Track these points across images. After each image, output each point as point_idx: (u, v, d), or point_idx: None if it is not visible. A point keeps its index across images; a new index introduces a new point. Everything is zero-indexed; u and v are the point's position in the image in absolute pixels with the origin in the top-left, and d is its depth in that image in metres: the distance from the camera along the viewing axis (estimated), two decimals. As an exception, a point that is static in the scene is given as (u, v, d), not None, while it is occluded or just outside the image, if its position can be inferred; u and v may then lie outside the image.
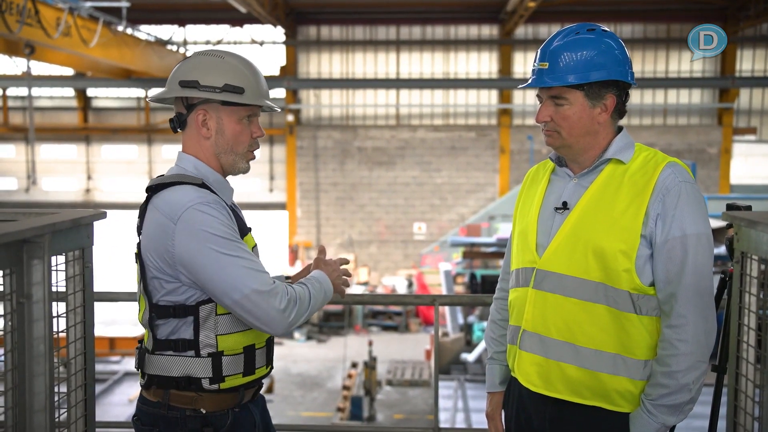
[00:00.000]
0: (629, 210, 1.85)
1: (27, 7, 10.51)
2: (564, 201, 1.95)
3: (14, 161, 21.04)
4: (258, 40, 20.44)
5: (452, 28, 20.04)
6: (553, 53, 1.92)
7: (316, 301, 1.96)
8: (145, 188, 1.94)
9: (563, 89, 1.91)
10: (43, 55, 13.94)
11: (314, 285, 1.99)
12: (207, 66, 1.95)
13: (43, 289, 1.62)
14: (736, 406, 1.90)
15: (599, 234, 1.86)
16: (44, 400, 1.63)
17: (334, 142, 20.19)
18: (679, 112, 20.17)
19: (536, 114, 1.98)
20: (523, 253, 2.01)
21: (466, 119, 20.32)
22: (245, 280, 1.82)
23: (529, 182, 2.14)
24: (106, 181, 21.13)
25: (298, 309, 1.89)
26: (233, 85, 1.94)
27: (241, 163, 2.01)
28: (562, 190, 1.97)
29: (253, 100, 1.97)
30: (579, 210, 1.91)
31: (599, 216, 1.88)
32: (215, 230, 1.83)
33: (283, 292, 1.86)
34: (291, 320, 1.87)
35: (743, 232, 1.86)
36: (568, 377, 1.90)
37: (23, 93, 19.91)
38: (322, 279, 2.03)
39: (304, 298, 1.92)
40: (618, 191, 1.89)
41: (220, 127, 1.97)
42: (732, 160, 20.05)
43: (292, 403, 12.45)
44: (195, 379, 1.90)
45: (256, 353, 1.98)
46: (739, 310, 1.88)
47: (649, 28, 19.93)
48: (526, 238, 2.00)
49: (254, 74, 2.00)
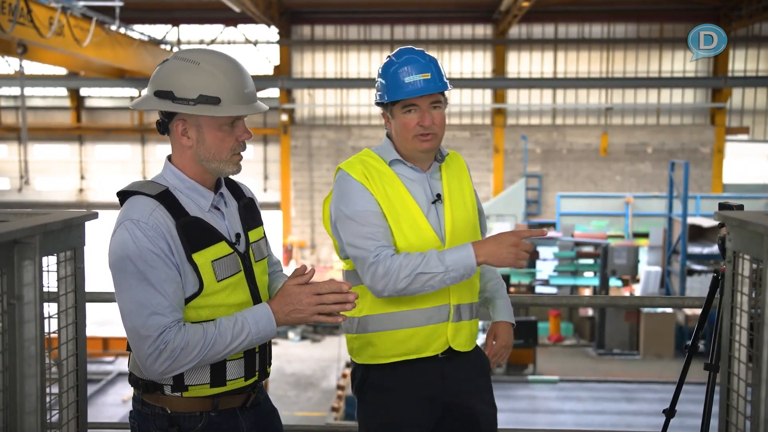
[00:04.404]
0: (468, 191, 2.37)
1: (20, 6, 10.46)
2: (438, 193, 2.28)
3: (7, 161, 20.96)
4: (252, 40, 20.41)
5: (446, 27, 20.05)
6: (430, 64, 2.24)
7: (222, 346, 1.82)
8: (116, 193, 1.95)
9: (441, 95, 2.26)
10: (35, 54, 13.87)
11: (234, 326, 1.84)
12: (182, 74, 1.86)
13: (34, 291, 1.61)
14: (728, 405, 1.90)
15: (468, 213, 2.33)
16: (35, 402, 1.62)
17: (329, 141, 20.18)
18: (672, 111, 20.22)
19: (421, 120, 2.21)
20: (418, 240, 2.22)
21: (460, 119, 20.33)
22: (133, 315, 1.80)
23: (373, 181, 2.23)
24: (100, 181, 21.06)
25: (176, 359, 1.79)
26: (208, 96, 1.85)
27: (228, 167, 1.95)
28: (424, 184, 2.28)
29: (230, 111, 1.87)
30: (449, 199, 2.30)
31: (461, 200, 2.32)
32: (131, 254, 1.80)
33: (159, 340, 1.77)
34: (162, 370, 1.80)
35: (735, 232, 1.87)
36: (474, 330, 2.38)
37: (16, 92, 19.84)
38: (258, 317, 1.87)
39: (192, 346, 1.79)
40: (460, 179, 2.35)
41: (201, 137, 1.90)
42: (725, 160, 20.12)
43: (286, 403, 12.44)
44: (158, 384, 1.91)
45: (226, 365, 1.93)
46: (731, 310, 1.89)
47: (642, 27, 19.98)
48: (420, 230, 2.23)
49: (233, 79, 1.89)
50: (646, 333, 13.66)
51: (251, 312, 1.88)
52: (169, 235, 1.84)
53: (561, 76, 19.98)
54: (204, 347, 1.81)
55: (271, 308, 1.88)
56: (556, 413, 11.44)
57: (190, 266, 1.86)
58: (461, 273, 2.13)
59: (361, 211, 2.19)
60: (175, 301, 1.82)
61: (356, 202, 2.20)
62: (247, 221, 2.07)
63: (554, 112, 20.34)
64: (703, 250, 14.53)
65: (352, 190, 2.21)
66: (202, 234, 1.90)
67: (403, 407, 2.27)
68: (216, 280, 1.90)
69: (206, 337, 1.81)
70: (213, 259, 1.90)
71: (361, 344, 2.29)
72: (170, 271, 1.83)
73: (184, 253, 1.86)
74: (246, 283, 1.98)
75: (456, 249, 2.15)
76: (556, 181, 20.10)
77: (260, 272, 2.06)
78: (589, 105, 19.92)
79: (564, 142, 20.09)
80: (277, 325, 1.89)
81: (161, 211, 1.86)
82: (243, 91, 1.90)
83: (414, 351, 2.26)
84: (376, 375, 2.28)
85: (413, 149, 2.27)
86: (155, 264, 1.81)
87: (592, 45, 19.99)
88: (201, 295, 1.88)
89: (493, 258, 2.12)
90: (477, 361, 2.39)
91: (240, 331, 1.84)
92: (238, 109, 1.88)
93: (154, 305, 1.79)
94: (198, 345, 1.80)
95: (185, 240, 1.86)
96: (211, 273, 1.89)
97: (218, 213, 1.99)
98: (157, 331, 1.78)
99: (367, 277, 2.15)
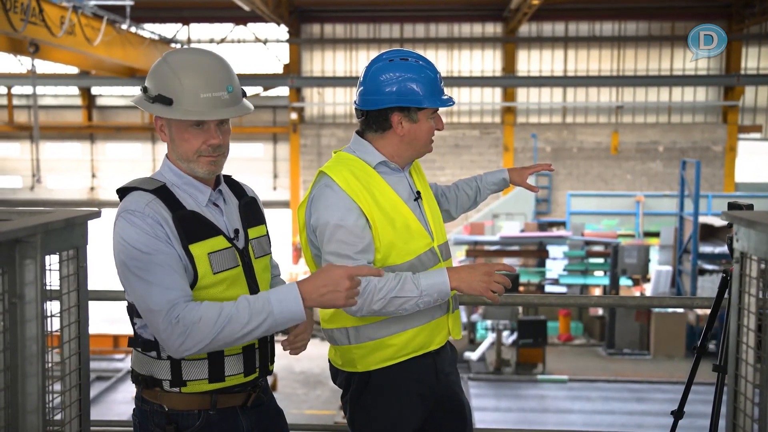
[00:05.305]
0: (428, 187, 2.50)
1: (31, 6, 10.52)
2: (417, 191, 2.38)
3: (19, 159, 21.10)
4: (262, 38, 20.44)
5: (456, 25, 20.00)
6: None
7: (239, 324, 1.73)
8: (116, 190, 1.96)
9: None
10: (47, 53, 13.95)
11: (253, 304, 1.75)
12: (154, 72, 1.90)
13: (35, 289, 1.61)
14: (735, 408, 1.88)
15: (436, 206, 2.45)
16: (36, 401, 1.62)
17: (338, 140, 20.17)
18: (683, 109, 20.09)
19: (437, 125, 2.33)
20: (413, 241, 2.27)
21: (470, 117, 20.28)
22: (143, 297, 1.80)
23: (360, 187, 2.21)
24: (111, 179, 21.15)
25: (190, 334, 1.74)
26: (163, 96, 1.85)
27: (197, 168, 1.92)
28: (404, 182, 2.35)
29: (179, 114, 1.84)
30: (424, 194, 2.40)
31: (429, 194, 2.45)
32: (131, 241, 1.81)
33: (171, 314, 1.75)
34: (179, 346, 1.75)
35: (743, 232, 1.84)
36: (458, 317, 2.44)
37: (28, 91, 19.96)
38: (282, 296, 1.75)
39: (206, 321, 1.73)
40: (421, 175, 2.49)
41: (171, 136, 1.92)
42: (737, 159, 19.97)
43: (295, 401, 12.45)
44: (157, 379, 1.92)
45: (225, 360, 1.92)
46: (738, 311, 1.86)
47: (653, 25, 19.85)
48: (409, 229, 2.27)
49: (193, 82, 1.85)
50: (657, 333, 13.57)
51: (276, 291, 1.77)
52: (166, 224, 1.85)
53: (571, 75, 19.89)
54: (219, 323, 1.73)
55: (302, 289, 1.75)
56: (566, 413, 11.38)
57: (186, 257, 1.86)
58: (435, 298, 2.16)
59: (345, 225, 2.15)
60: (181, 280, 1.82)
61: (342, 215, 2.16)
62: (247, 219, 2.06)
63: (564, 111, 20.25)
64: (715, 249, 14.42)
65: (338, 200, 2.17)
66: (198, 227, 1.90)
67: (402, 407, 2.27)
68: (212, 272, 1.89)
69: (222, 313, 1.74)
70: (209, 252, 1.89)
71: (364, 352, 2.27)
72: (172, 251, 1.84)
73: (180, 243, 1.86)
74: (245, 279, 1.97)
75: (431, 274, 2.17)
76: (567, 179, 20.01)
77: (261, 269, 2.05)
78: (599, 103, 19.83)
79: (574, 141, 20.01)
80: (307, 306, 1.76)
81: (157, 203, 1.87)
82: (201, 95, 1.86)
83: (420, 347, 2.28)
84: (376, 378, 2.28)
85: (421, 153, 2.35)
86: (157, 246, 1.82)
87: (603, 43, 19.89)
88: (195, 287, 1.87)
89: (465, 284, 2.14)
90: (452, 352, 2.47)
91: (260, 310, 1.73)
92: (190, 113, 1.85)
93: (161, 282, 1.79)
94: (212, 320, 1.73)
95: (182, 231, 1.86)
96: (207, 265, 1.88)
97: (216, 209, 1.99)
98: (167, 305, 1.77)
99: None
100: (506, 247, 15.09)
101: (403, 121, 2.27)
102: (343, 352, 2.32)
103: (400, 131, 2.28)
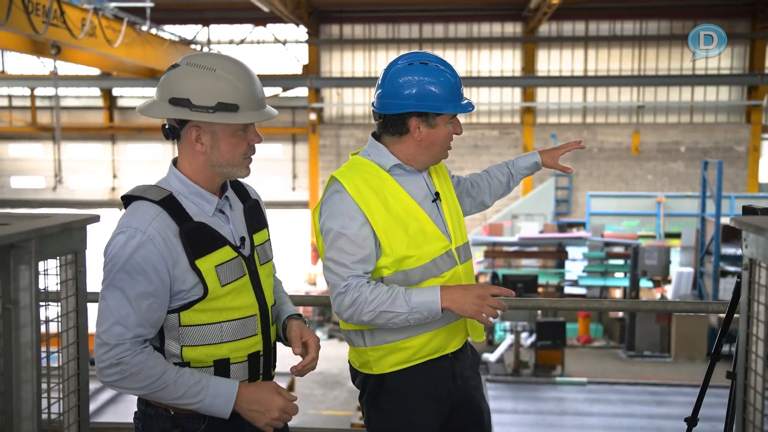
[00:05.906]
0: (450, 186, 2.45)
1: (53, 8, 10.63)
2: (436, 192, 2.33)
3: (41, 160, 21.35)
4: (281, 39, 20.50)
5: (475, 25, 19.91)
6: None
7: (170, 396, 1.82)
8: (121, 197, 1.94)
9: None
10: (69, 55, 14.11)
11: (192, 386, 1.83)
12: (198, 81, 1.85)
13: (30, 295, 1.61)
14: (744, 419, 1.83)
15: (458, 207, 2.42)
16: (32, 407, 1.62)
17: (357, 140, 20.17)
18: (706, 109, 19.83)
19: (455, 130, 2.29)
20: (428, 245, 2.23)
21: (489, 117, 20.18)
22: (101, 320, 1.81)
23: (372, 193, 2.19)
24: (132, 180, 21.33)
25: (124, 379, 1.79)
26: (226, 104, 1.85)
27: (240, 171, 1.96)
28: (421, 183, 2.31)
29: (248, 117, 1.89)
30: (443, 196, 2.35)
31: (451, 196, 2.41)
32: (117, 259, 1.81)
33: (115, 351, 1.78)
34: (109, 381, 1.79)
35: (752, 239, 1.79)
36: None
37: (50, 93, 20.19)
38: (219, 392, 1.86)
39: (143, 377, 1.79)
40: (445, 178, 2.45)
41: (215, 142, 1.90)
42: (761, 159, 19.67)
43: (312, 402, 12.47)
44: None
45: (230, 367, 1.93)
46: (747, 320, 1.81)
47: (675, 24, 19.61)
48: (424, 233, 2.23)
49: (248, 85, 1.90)
50: (678, 335, 13.40)
51: (217, 384, 1.86)
52: (168, 244, 1.84)
53: (591, 74, 19.71)
54: (154, 385, 1.81)
55: (239, 396, 1.87)
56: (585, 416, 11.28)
57: (193, 272, 1.86)
58: (425, 315, 2.14)
59: (347, 233, 2.15)
60: (145, 317, 1.82)
61: (345, 222, 2.16)
62: (252, 224, 2.06)
63: (585, 111, 20.07)
64: (737, 251, 14.20)
65: (344, 207, 2.17)
66: (205, 239, 1.90)
67: (417, 410, 2.27)
68: (220, 284, 1.90)
69: (161, 378, 1.81)
70: (217, 264, 1.90)
71: (380, 355, 2.27)
72: (150, 286, 1.82)
73: (186, 259, 1.85)
74: (251, 286, 1.99)
75: (423, 291, 2.14)
76: (587, 180, 19.84)
77: (265, 275, 2.06)
78: (620, 103, 19.63)
79: (595, 141, 19.82)
80: (236, 410, 1.87)
81: (163, 217, 1.85)
82: (257, 97, 1.92)
83: (436, 350, 2.27)
84: (392, 380, 2.27)
85: (438, 158, 2.32)
86: (136, 277, 1.80)
87: (624, 42, 19.68)
88: (206, 299, 1.88)
89: (456, 305, 2.11)
90: (473, 356, 2.43)
91: (195, 393, 1.83)
92: (254, 115, 1.91)
93: (120, 316, 1.79)
94: (149, 379, 1.80)
95: (188, 246, 1.86)
96: (215, 278, 1.89)
97: (223, 216, 1.99)
98: (115, 341, 1.79)
99: (335, 304, 2.17)
100: (525, 248, 14.99)
101: (421, 125, 2.25)
102: (359, 354, 2.32)
103: (418, 136, 2.25)
